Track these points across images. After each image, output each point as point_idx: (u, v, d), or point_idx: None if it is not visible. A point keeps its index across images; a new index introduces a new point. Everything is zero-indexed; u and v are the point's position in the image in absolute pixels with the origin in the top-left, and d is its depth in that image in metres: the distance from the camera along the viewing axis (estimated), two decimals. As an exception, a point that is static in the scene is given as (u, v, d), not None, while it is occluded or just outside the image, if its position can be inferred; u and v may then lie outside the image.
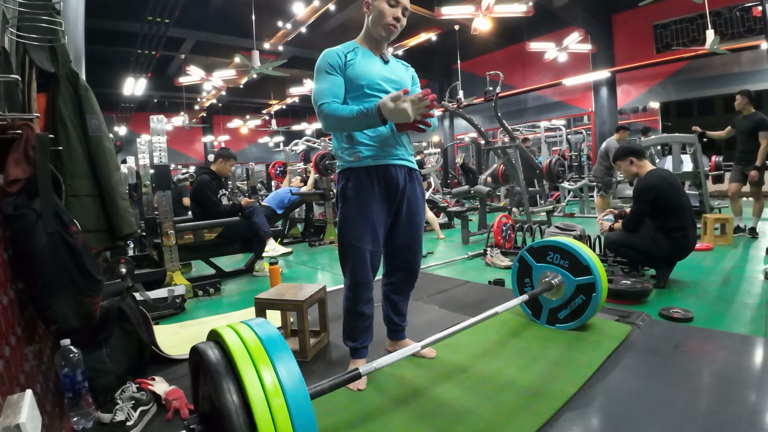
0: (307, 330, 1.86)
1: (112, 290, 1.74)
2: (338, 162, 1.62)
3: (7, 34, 1.40)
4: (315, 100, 1.51)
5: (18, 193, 1.21)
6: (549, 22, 10.26)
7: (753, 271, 3.05)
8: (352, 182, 1.56)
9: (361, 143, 1.54)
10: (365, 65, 1.54)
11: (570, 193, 7.34)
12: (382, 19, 1.53)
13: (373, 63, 1.57)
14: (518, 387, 1.51)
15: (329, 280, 3.74)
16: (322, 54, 1.54)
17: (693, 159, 4.76)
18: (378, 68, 1.57)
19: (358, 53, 1.56)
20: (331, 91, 1.49)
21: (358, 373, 1.14)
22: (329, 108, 1.45)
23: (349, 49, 1.56)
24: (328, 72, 1.51)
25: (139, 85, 10.94)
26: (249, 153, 19.68)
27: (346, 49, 1.56)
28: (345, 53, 1.54)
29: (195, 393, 1.05)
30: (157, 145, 3.23)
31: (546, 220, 5.17)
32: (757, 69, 8.59)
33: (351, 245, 1.56)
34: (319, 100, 1.49)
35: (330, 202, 5.73)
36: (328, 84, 1.50)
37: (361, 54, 1.57)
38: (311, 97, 1.54)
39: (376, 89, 1.54)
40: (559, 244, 1.96)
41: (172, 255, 3.28)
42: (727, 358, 1.68)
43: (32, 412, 0.92)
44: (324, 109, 1.46)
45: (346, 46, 1.58)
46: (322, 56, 1.54)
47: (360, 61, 1.54)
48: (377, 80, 1.55)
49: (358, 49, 1.58)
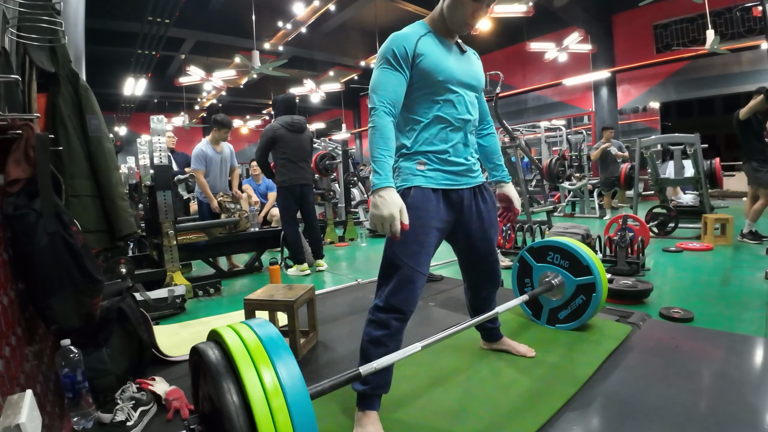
0: (297, 330, 1.87)
1: (113, 290, 1.74)
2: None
3: (7, 34, 1.40)
4: (371, 92, 1.29)
5: (18, 193, 1.21)
6: (549, 22, 10.26)
7: (753, 271, 3.05)
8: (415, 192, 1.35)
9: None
10: (441, 56, 1.34)
11: (570, 193, 7.33)
12: (461, 14, 1.32)
13: (448, 53, 1.37)
14: (518, 387, 1.51)
15: (330, 280, 3.74)
16: (389, 37, 1.31)
17: (694, 162, 4.75)
18: (454, 61, 1.37)
19: (430, 40, 1.34)
20: (387, 94, 1.26)
21: (358, 373, 1.14)
22: (379, 120, 1.23)
23: (421, 34, 1.33)
24: (391, 64, 1.28)
25: (139, 85, 10.94)
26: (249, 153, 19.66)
27: (416, 33, 1.32)
28: (416, 40, 1.31)
29: (195, 393, 1.05)
30: (157, 145, 3.23)
31: (546, 220, 5.17)
32: (757, 69, 8.58)
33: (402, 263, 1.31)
34: (374, 99, 1.27)
35: (330, 202, 5.73)
36: (388, 82, 1.27)
37: (434, 41, 1.35)
38: (370, 85, 1.32)
39: (457, 85, 1.36)
40: (559, 244, 1.96)
41: (172, 255, 3.28)
42: (727, 358, 1.68)
43: (32, 412, 0.92)
44: (375, 117, 1.24)
45: (415, 28, 1.35)
46: (389, 40, 1.30)
47: (434, 51, 1.33)
48: (456, 75, 1.36)
49: (430, 35, 1.35)
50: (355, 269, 4.17)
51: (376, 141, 1.22)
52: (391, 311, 1.31)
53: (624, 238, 3.14)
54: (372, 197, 1.19)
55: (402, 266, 1.30)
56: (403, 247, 1.30)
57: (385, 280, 1.34)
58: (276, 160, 3.79)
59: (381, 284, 1.36)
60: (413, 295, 1.32)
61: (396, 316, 1.31)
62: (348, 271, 4.06)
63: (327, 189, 5.67)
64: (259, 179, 5.62)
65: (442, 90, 1.34)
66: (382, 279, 1.35)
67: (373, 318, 1.33)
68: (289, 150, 3.75)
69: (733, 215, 4.22)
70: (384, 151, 1.21)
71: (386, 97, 1.26)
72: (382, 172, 1.19)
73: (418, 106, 1.36)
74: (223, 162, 4.09)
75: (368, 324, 1.35)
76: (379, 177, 1.19)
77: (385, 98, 1.25)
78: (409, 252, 1.30)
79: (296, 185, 3.79)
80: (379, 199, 1.17)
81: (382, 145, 1.22)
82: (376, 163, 1.20)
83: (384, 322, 1.31)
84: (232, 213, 3.88)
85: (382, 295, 1.32)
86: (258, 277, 4.04)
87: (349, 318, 2.43)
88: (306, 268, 3.90)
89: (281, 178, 3.78)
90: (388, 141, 1.23)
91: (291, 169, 3.75)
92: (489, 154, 1.64)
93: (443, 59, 1.34)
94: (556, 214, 6.90)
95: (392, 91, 1.27)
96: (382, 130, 1.23)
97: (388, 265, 1.33)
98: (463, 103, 1.39)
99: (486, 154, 1.64)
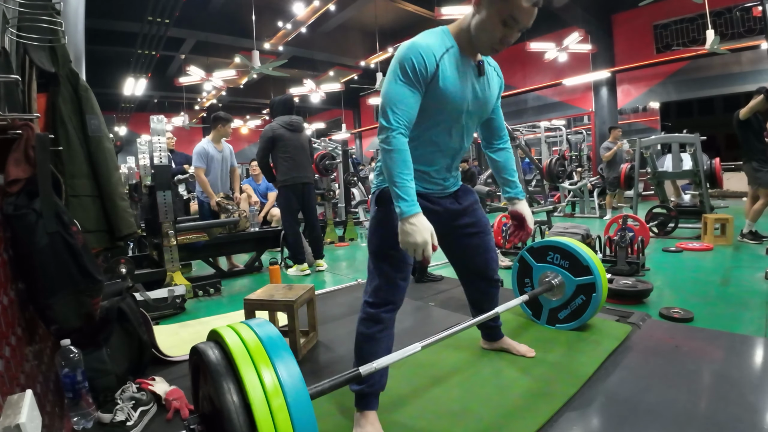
0: (297, 330, 1.87)
1: (113, 290, 1.74)
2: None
3: (7, 34, 1.40)
4: (387, 107, 1.20)
5: (18, 193, 1.21)
6: (549, 22, 10.24)
7: (753, 271, 3.05)
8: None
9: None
10: (457, 82, 1.26)
11: (570, 193, 7.33)
12: (489, 38, 1.22)
13: (466, 77, 1.29)
14: (518, 387, 1.51)
15: (330, 280, 3.74)
16: (409, 45, 1.21)
17: (693, 159, 4.75)
18: (470, 87, 1.31)
19: (452, 57, 1.25)
20: (405, 113, 1.19)
21: (358, 373, 1.14)
22: (397, 143, 1.17)
23: (444, 50, 1.24)
24: (410, 79, 1.19)
25: (139, 86, 10.93)
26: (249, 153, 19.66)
27: (439, 48, 1.23)
28: (438, 57, 1.22)
29: (195, 393, 1.05)
30: (157, 145, 3.23)
31: (546, 220, 5.17)
32: (757, 69, 8.57)
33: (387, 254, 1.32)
34: (390, 117, 1.18)
35: (330, 202, 5.74)
36: (406, 100, 1.19)
37: (455, 60, 1.26)
38: (382, 94, 1.23)
39: (462, 116, 1.32)
40: (559, 244, 1.96)
41: (172, 255, 3.28)
42: (727, 358, 1.68)
43: (32, 412, 0.92)
44: (393, 139, 1.17)
45: (439, 39, 1.25)
46: (410, 49, 1.20)
47: (452, 73, 1.24)
48: (466, 106, 1.31)
49: (453, 52, 1.26)
50: (355, 269, 4.16)
51: (397, 165, 1.18)
52: (380, 306, 1.34)
53: (624, 238, 3.14)
54: (402, 225, 1.17)
55: (384, 268, 1.33)
56: (382, 252, 1.33)
57: (371, 277, 1.37)
58: (277, 159, 3.79)
59: (368, 281, 1.38)
60: (399, 289, 1.36)
61: (386, 309, 1.34)
62: (348, 271, 4.06)
63: (327, 189, 5.67)
64: (258, 179, 5.62)
65: (445, 117, 1.30)
66: (369, 276, 1.38)
67: (364, 315, 1.36)
68: (290, 149, 3.75)
69: (733, 215, 4.22)
70: (406, 175, 1.18)
71: (404, 117, 1.19)
72: (408, 197, 1.17)
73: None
74: (224, 161, 4.10)
75: (360, 322, 1.37)
76: (406, 203, 1.16)
77: (402, 118, 1.19)
78: (389, 257, 1.33)
79: (297, 184, 3.79)
80: (410, 227, 1.15)
81: (404, 168, 1.18)
82: (400, 189, 1.17)
83: (375, 316, 1.34)
84: (231, 213, 3.89)
85: (369, 290, 1.36)
86: (258, 277, 4.04)
87: (349, 318, 2.43)
88: (306, 268, 3.90)
89: (282, 177, 3.78)
90: (409, 164, 1.19)
91: (292, 168, 3.76)
92: (501, 169, 1.58)
93: (459, 87, 1.27)
94: (556, 214, 6.90)
95: (410, 111, 1.21)
96: (402, 153, 1.18)
97: (373, 265, 1.37)
98: (459, 133, 1.37)
99: (498, 168, 1.58)
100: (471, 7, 1.24)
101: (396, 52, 1.24)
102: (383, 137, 1.19)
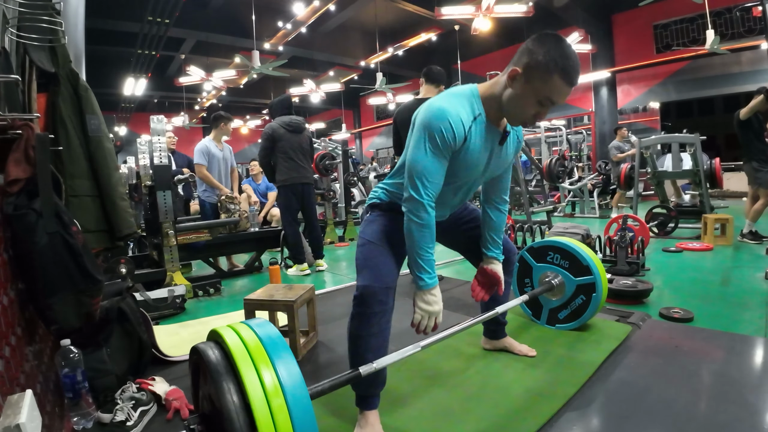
0: (297, 330, 1.87)
1: (113, 290, 1.74)
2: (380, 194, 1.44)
3: (7, 34, 1.40)
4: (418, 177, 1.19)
5: (18, 193, 1.21)
6: (549, 22, 10.24)
7: (753, 271, 3.05)
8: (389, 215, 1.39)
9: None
10: (479, 153, 1.25)
11: (570, 193, 7.33)
12: (522, 113, 1.20)
13: (487, 148, 1.28)
14: (518, 387, 1.51)
15: (330, 280, 3.74)
16: (439, 112, 1.17)
17: (693, 159, 4.75)
18: (488, 158, 1.30)
19: (479, 126, 1.22)
20: (435, 186, 1.21)
21: (358, 373, 1.14)
22: (428, 218, 1.20)
23: (472, 117, 1.21)
24: (440, 150, 1.18)
25: (139, 85, 10.92)
26: (249, 153, 19.66)
27: (469, 117, 1.20)
28: (468, 128, 1.19)
29: (195, 393, 1.05)
30: (157, 145, 3.23)
31: (546, 220, 5.17)
32: (757, 69, 8.57)
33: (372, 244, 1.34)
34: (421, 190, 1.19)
35: (330, 202, 5.74)
36: (438, 173, 1.20)
37: (482, 128, 1.23)
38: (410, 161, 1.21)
39: (473, 180, 1.35)
40: (559, 244, 1.96)
41: (172, 255, 3.28)
42: (727, 358, 1.68)
43: (32, 412, 0.92)
44: (423, 213, 1.19)
45: (468, 107, 1.21)
46: (439, 118, 1.16)
47: (475, 146, 1.23)
48: (481, 174, 1.33)
49: (480, 121, 1.23)
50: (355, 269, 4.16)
51: (425, 239, 1.22)
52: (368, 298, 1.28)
53: (624, 238, 3.14)
54: (422, 295, 1.24)
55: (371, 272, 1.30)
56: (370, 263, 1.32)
57: (360, 274, 1.34)
58: (276, 159, 3.79)
59: (357, 278, 1.36)
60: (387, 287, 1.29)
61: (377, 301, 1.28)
62: (348, 271, 4.06)
63: (327, 189, 5.67)
64: (258, 179, 5.62)
65: (457, 180, 1.29)
66: (358, 274, 1.35)
67: (354, 312, 1.32)
68: (290, 149, 3.75)
69: (733, 215, 4.22)
70: (431, 248, 1.24)
71: (433, 189, 1.21)
72: (432, 271, 1.24)
73: None
74: (225, 160, 4.11)
75: (352, 318, 1.32)
76: (429, 276, 1.23)
77: (432, 191, 1.21)
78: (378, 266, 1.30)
79: (297, 184, 3.79)
80: (431, 297, 1.24)
81: (430, 242, 1.23)
82: (425, 262, 1.23)
83: (364, 311, 1.29)
84: (232, 213, 3.89)
85: (359, 285, 1.32)
86: (258, 277, 4.04)
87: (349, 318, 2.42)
88: (306, 268, 3.90)
89: (282, 177, 3.78)
90: (434, 236, 1.24)
91: (292, 168, 3.76)
92: (491, 228, 1.53)
93: (480, 157, 1.27)
94: (556, 214, 6.90)
95: (439, 182, 1.22)
96: (431, 228, 1.22)
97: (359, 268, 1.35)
98: (465, 192, 1.41)
99: (489, 226, 1.53)
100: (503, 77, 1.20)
101: (424, 113, 1.21)
102: (413, 207, 1.21)
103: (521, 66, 1.14)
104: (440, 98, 1.22)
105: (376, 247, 1.33)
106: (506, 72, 1.19)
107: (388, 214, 1.39)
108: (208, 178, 3.91)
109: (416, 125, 1.23)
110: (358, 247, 1.38)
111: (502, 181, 1.51)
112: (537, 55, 1.11)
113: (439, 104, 1.19)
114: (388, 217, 1.39)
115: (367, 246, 1.35)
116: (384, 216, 1.39)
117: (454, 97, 1.22)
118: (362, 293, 1.26)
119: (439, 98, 1.22)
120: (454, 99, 1.22)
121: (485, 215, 1.55)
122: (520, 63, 1.15)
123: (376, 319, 1.26)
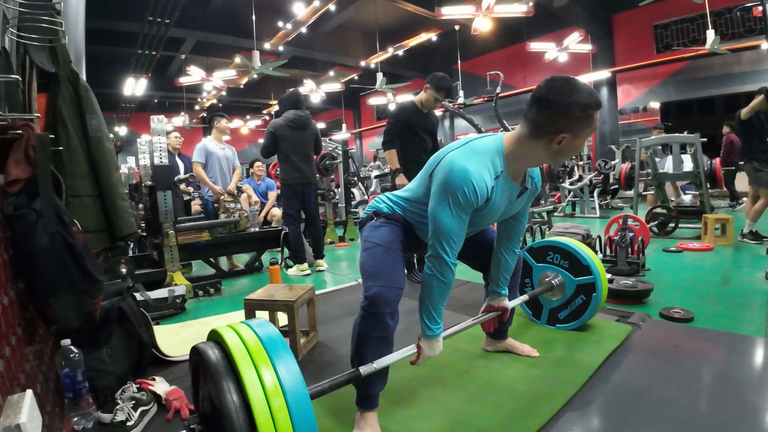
0: (298, 330, 1.87)
1: (113, 290, 1.74)
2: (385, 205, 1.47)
3: (7, 35, 1.40)
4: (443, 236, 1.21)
5: (18, 193, 1.21)
6: (549, 22, 10.26)
7: (753, 270, 3.05)
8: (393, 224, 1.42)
9: None
10: (497, 205, 1.29)
11: (570, 193, 7.33)
12: (575, 152, 1.25)
13: (505, 198, 1.31)
14: (518, 387, 1.51)
15: (330, 280, 3.74)
16: (463, 175, 1.16)
17: (693, 159, 4.75)
18: (505, 207, 1.34)
19: (500, 183, 1.24)
20: (459, 244, 1.25)
21: (358, 374, 1.14)
22: (449, 276, 1.25)
23: (494, 176, 1.22)
24: (464, 210, 1.20)
25: (139, 86, 10.93)
26: (249, 153, 19.67)
27: (491, 175, 1.21)
28: (490, 187, 1.21)
29: (195, 393, 1.05)
30: (157, 145, 3.23)
31: (546, 220, 5.17)
32: (757, 69, 8.57)
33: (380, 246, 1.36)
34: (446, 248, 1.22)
35: (330, 202, 5.74)
36: (460, 233, 1.23)
37: (502, 188, 1.26)
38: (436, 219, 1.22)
39: (487, 223, 1.42)
40: (559, 244, 1.96)
41: (173, 255, 3.28)
42: (727, 358, 1.68)
43: (32, 412, 0.92)
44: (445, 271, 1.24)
45: (491, 165, 1.22)
46: (463, 180, 1.16)
47: (495, 201, 1.26)
48: (496, 218, 1.38)
49: (502, 179, 1.24)
50: (355, 269, 4.16)
51: (443, 295, 1.28)
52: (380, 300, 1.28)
53: (624, 238, 3.14)
54: (429, 342, 1.31)
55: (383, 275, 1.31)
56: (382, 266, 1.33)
57: (371, 277, 1.32)
58: (278, 158, 3.80)
59: (366, 280, 1.34)
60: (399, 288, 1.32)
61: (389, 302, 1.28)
62: (348, 271, 4.06)
63: (327, 189, 5.67)
64: (259, 179, 5.62)
65: (471, 225, 1.30)
66: (367, 277, 1.34)
67: (365, 313, 1.29)
68: (291, 148, 3.75)
69: (734, 215, 4.22)
70: (444, 302, 1.30)
71: (458, 247, 1.25)
72: (441, 322, 1.32)
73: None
74: (226, 159, 4.11)
75: (362, 319, 1.30)
76: (438, 327, 1.31)
77: (457, 249, 1.25)
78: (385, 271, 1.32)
79: (298, 184, 3.79)
80: (436, 344, 1.32)
81: (445, 298, 1.30)
82: (437, 314, 1.30)
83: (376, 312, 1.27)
84: (231, 213, 3.89)
85: (371, 287, 1.30)
86: (258, 277, 4.04)
87: (349, 318, 2.41)
88: (306, 268, 3.90)
89: (284, 176, 3.78)
90: (449, 293, 1.30)
91: (293, 167, 3.75)
92: (503, 269, 1.56)
93: (499, 206, 1.30)
94: (556, 214, 6.90)
95: (462, 239, 1.26)
96: (450, 285, 1.28)
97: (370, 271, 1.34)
98: (476, 232, 1.48)
99: (501, 267, 1.56)
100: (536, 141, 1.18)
101: (446, 173, 1.20)
102: (438, 265, 1.24)
103: (566, 127, 1.13)
104: (464, 156, 1.21)
105: (385, 249, 1.35)
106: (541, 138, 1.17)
107: (395, 223, 1.42)
108: (202, 176, 3.92)
109: (439, 182, 1.22)
110: (365, 251, 1.38)
111: (519, 225, 1.53)
112: (574, 110, 1.11)
113: (461, 164, 1.18)
114: (395, 224, 1.42)
115: (376, 248, 1.36)
116: (390, 223, 1.42)
117: (478, 155, 1.22)
118: (375, 295, 1.26)
119: (463, 156, 1.21)
120: (478, 158, 1.21)
121: (500, 256, 1.56)
122: (560, 126, 1.13)
123: (387, 319, 1.28)
